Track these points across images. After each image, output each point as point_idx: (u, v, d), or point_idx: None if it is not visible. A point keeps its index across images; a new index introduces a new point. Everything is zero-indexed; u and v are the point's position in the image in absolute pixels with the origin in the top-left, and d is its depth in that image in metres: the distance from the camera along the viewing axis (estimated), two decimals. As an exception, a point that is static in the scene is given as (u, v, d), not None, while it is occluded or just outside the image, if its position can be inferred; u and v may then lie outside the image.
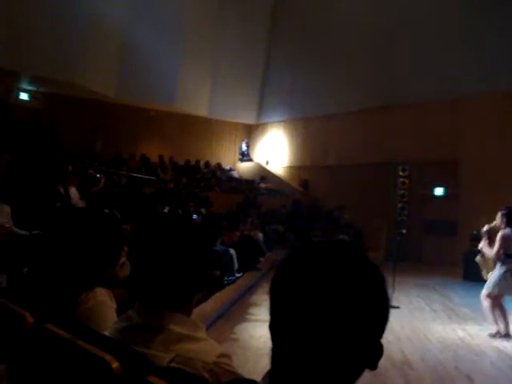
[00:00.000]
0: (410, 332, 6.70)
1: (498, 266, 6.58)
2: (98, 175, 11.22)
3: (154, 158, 17.49)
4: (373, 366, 0.95)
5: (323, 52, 17.27)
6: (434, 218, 14.79)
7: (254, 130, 21.14)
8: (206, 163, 18.99)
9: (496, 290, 6.51)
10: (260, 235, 12.30)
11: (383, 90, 15.61)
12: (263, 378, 0.98)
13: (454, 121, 14.07)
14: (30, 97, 15.90)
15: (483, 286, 6.66)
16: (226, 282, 8.31)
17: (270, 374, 0.97)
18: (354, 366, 0.93)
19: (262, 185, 18.50)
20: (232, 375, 1.33)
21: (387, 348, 0.93)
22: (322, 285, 0.89)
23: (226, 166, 19.94)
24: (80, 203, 8.56)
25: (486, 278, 6.80)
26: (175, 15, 16.44)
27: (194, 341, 1.40)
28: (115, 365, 1.25)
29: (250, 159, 20.58)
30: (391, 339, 6.06)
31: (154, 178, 15.40)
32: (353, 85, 16.52)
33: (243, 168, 20.38)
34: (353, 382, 0.95)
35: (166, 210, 9.72)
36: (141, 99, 16.81)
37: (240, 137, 20.85)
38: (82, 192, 9.12)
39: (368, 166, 15.88)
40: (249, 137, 20.97)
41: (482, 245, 6.83)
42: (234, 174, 19.74)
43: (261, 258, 11.23)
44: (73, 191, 8.77)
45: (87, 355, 1.32)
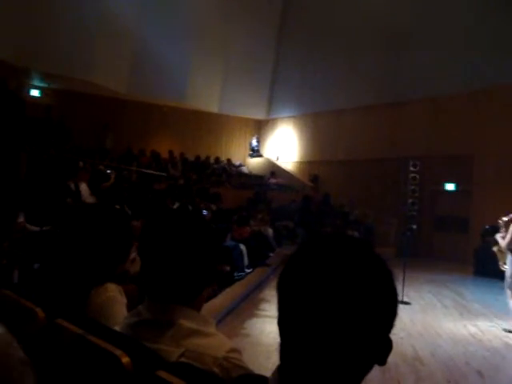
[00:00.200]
0: (421, 328, 6.68)
1: (509, 257, 6.54)
2: (108, 171, 11.26)
3: (164, 154, 17.52)
4: (382, 362, 0.95)
5: (333, 48, 17.18)
6: (445, 214, 14.72)
7: (263, 125, 21.12)
8: (217, 159, 19.00)
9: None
10: (270, 231, 12.29)
11: (394, 85, 15.50)
12: (273, 374, 0.98)
13: (467, 116, 13.93)
14: (41, 93, 15.99)
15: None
16: (236, 278, 8.33)
17: (279, 369, 0.97)
18: (362, 362, 0.93)
19: (272, 180, 18.47)
20: (242, 370, 1.33)
21: (398, 344, 0.93)
22: (329, 279, 0.89)
23: (236, 162, 19.95)
24: (90, 199, 8.60)
25: (503, 268, 6.78)
26: (186, 13, 16.47)
27: (204, 336, 1.41)
28: (125, 360, 1.26)
29: (260, 155, 20.58)
30: (402, 335, 6.05)
31: (164, 174, 15.43)
32: (363, 80, 16.44)
33: (253, 164, 20.38)
34: (362, 378, 0.94)
35: (176, 206, 9.74)
36: (152, 95, 16.86)
37: (250, 132, 20.85)
38: (93, 188, 9.16)
39: (378, 161, 15.82)
40: (259, 132, 20.97)
41: (498, 236, 6.82)
42: (244, 169, 19.73)
43: (271, 253, 11.23)
44: (83, 187, 8.82)
45: (98, 350, 1.33)
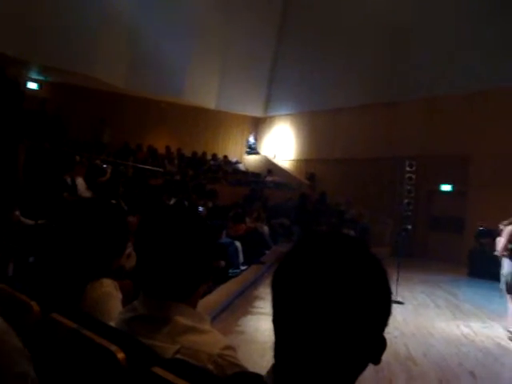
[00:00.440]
0: (414, 328, 6.70)
1: (506, 261, 6.54)
2: (104, 166, 11.25)
3: (161, 150, 17.51)
4: (376, 361, 0.95)
5: (331, 46, 17.18)
6: (440, 215, 14.75)
7: (261, 123, 21.12)
8: (213, 155, 18.98)
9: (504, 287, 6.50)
10: (266, 228, 12.29)
11: (391, 85, 15.52)
12: (268, 372, 0.98)
13: (464, 116, 13.95)
14: (39, 86, 15.94)
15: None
16: (230, 275, 8.33)
17: (273, 368, 0.97)
18: (357, 360, 0.93)
19: (269, 178, 18.47)
20: (237, 368, 1.33)
21: (391, 343, 0.93)
22: (323, 278, 0.89)
23: (233, 159, 19.94)
24: (86, 193, 8.59)
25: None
26: (186, 9, 16.42)
27: (200, 333, 1.40)
28: (120, 355, 1.26)
29: (256, 152, 20.58)
30: (396, 334, 6.07)
31: (160, 169, 15.41)
32: (360, 79, 16.45)
33: (250, 161, 20.37)
34: (356, 377, 0.95)
35: (172, 202, 9.73)
36: (149, 91, 16.83)
37: (247, 130, 20.85)
38: (89, 182, 9.14)
39: (375, 160, 15.84)
40: (256, 130, 20.96)
41: (497, 240, 6.82)
42: (241, 166, 19.72)
43: (266, 251, 11.24)
44: (79, 181, 8.80)
45: (93, 345, 1.33)
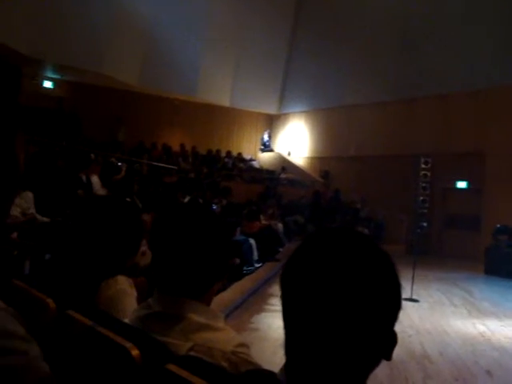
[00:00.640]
0: (430, 326, 6.66)
1: None
2: (119, 164, 11.31)
3: (175, 148, 17.56)
4: (387, 356, 0.95)
5: (346, 43, 17.11)
6: (456, 212, 14.64)
7: (275, 120, 21.09)
8: (228, 153, 19.01)
9: None
10: (280, 226, 12.28)
11: (406, 82, 15.41)
12: (281, 370, 0.98)
13: (480, 113, 13.84)
14: (53, 85, 16.07)
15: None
16: (245, 272, 8.34)
17: (285, 365, 0.97)
18: (368, 356, 0.92)
19: (283, 175, 18.46)
20: (250, 365, 1.34)
21: (406, 341, 0.92)
22: (331, 272, 0.89)
23: (247, 156, 19.95)
24: (101, 191, 8.63)
25: None
26: (198, 5, 16.45)
27: (213, 330, 1.41)
28: (135, 352, 1.26)
29: (271, 149, 20.56)
30: (411, 333, 6.04)
31: (175, 167, 15.47)
32: (375, 76, 16.36)
33: (264, 158, 20.37)
34: (368, 373, 0.94)
35: (186, 200, 9.75)
36: (163, 89, 16.89)
37: (261, 127, 20.83)
38: (104, 180, 9.18)
39: (390, 157, 15.75)
40: (270, 127, 20.94)
41: None
42: (255, 164, 19.73)
43: (280, 248, 11.23)
44: (94, 179, 8.84)
45: (107, 342, 1.34)
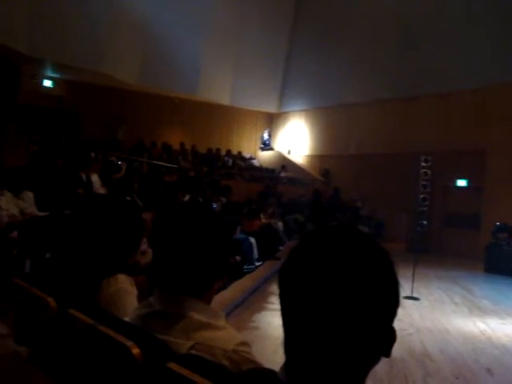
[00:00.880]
0: (430, 324, 6.66)
1: None
2: (119, 162, 11.30)
3: (175, 146, 17.55)
4: (387, 353, 0.94)
5: (346, 41, 17.09)
6: (456, 210, 14.64)
7: (275, 118, 21.08)
8: (228, 152, 19.00)
9: None
10: (280, 224, 12.27)
11: (406, 80, 15.40)
12: (281, 368, 0.98)
13: (480, 111, 13.84)
14: (53, 84, 16.06)
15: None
16: (245, 271, 8.33)
17: (285, 364, 0.97)
18: (366, 353, 0.92)
19: (283, 174, 18.46)
20: (252, 364, 1.34)
21: (407, 339, 0.92)
22: (329, 270, 0.89)
23: (247, 155, 19.94)
24: (101, 190, 8.62)
25: None
26: (198, 4, 16.42)
27: (214, 329, 1.41)
28: (136, 351, 1.26)
29: (271, 148, 20.55)
30: (411, 331, 6.04)
31: (175, 166, 15.46)
32: (376, 74, 16.34)
33: (264, 157, 20.36)
34: (367, 370, 0.94)
35: (186, 199, 9.75)
36: (163, 87, 16.88)
37: (261, 125, 20.83)
38: (104, 179, 9.18)
39: (390, 155, 15.74)
40: (270, 125, 20.93)
41: None
42: (255, 162, 19.73)
43: (280, 247, 11.22)
44: (94, 178, 8.84)
45: (108, 341, 1.34)
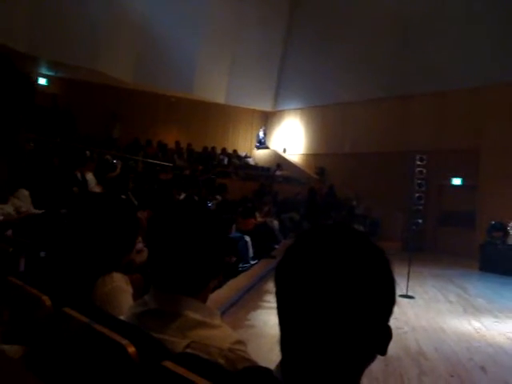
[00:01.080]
0: (425, 322, 6.67)
1: None
2: (114, 161, 11.28)
3: (171, 145, 17.53)
4: (382, 351, 0.95)
5: (342, 40, 17.08)
6: (451, 209, 14.67)
7: (270, 117, 21.08)
8: (223, 150, 18.99)
9: None
10: (275, 223, 12.28)
11: (401, 79, 15.42)
12: (277, 366, 0.98)
13: (475, 110, 13.86)
14: (48, 82, 16.00)
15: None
16: (240, 269, 8.34)
17: (280, 362, 0.97)
18: (363, 351, 0.92)
19: (278, 172, 18.46)
20: (247, 362, 1.34)
21: (402, 338, 0.92)
22: (325, 268, 0.89)
23: (242, 153, 19.94)
24: (97, 189, 8.61)
25: None
26: (194, 3, 16.39)
27: (210, 327, 1.41)
28: (131, 349, 1.26)
29: (266, 147, 20.56)
30: (406, 329, 6.06)
31: (170, 164, 15.44)
32: (371, 73, 16.35)
33: (259, 155, 20.36)
34: (363, 368, 0.95)
35: (182, 197, 9.75)
36: (159, 85, 16.86)
37: (257, 124, 20.82)
38: (99, 177, 9.16)
39: (385, 154, 15.77)
40: (265, 124, 20.93)
41: None
42: (250, 161, 19.73)
43: (276, 245, 11.23)
44: (89, 176, 8.82)
45: (104, 339, 1.34)
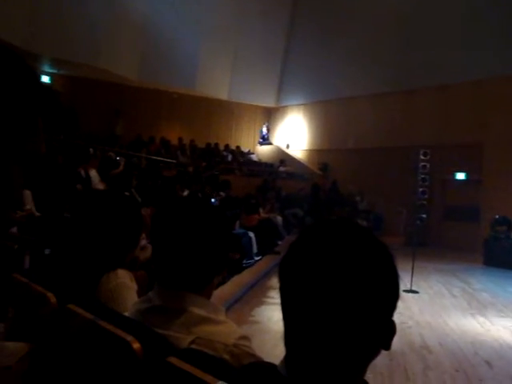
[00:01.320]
0: (430, 317, 6.68)
1: None
2: (117, 158, 11.29)
3: (174, 141, 17.53)
4: (386, 346, 0.94)
5: (345, 34, 16.99)
6: (455, 203, 14.65)
7: (273, 113, 21.05)
8: (226, 146, 18.98)
9: None
10: (279, 219, 12.29)
11: (406, 73, 15.37)
12: (281, 362, 0.98)
13: (479, 104, 13.81)
14: (51, 79, 16.00)
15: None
16: (244, 265, 8.35)
17: (285, 357, 0.97)
18: (366, 346, 0.92)
19: (282, 168, 18.45)
20: (252, 358, 1.34)
21: (406, 332, 0.92)
22: (329, 263, 0.89)
23: (245, 149, 19.93)
24: (100, 186, 8.62)
25: None
26: (197, -1, 16.36)
27: (215, 323, 1.41)
28: (136, 346, 1.26)
29: (269, 142, 20.54)
30: (410, 324, 6.06)
31: (173, 160, 15.45)
32: (374, 68, 16.30)
33: (262, 151, 20.35)
34: (367, 363, 0.95)
35: (185, 193, 9.76)
36: (161, 82, 16.85)
37: (260, 120, 20.80)
38: (102, 175, 9.17)
39: (389, 149, 15.73)
40: (268, 120, 20.90)
41: None
42: (253, 157, 19.72)
43: (279, 241, 11.24)
44: (93, 174, 8.84)
45: (109, 336, 1.34)
